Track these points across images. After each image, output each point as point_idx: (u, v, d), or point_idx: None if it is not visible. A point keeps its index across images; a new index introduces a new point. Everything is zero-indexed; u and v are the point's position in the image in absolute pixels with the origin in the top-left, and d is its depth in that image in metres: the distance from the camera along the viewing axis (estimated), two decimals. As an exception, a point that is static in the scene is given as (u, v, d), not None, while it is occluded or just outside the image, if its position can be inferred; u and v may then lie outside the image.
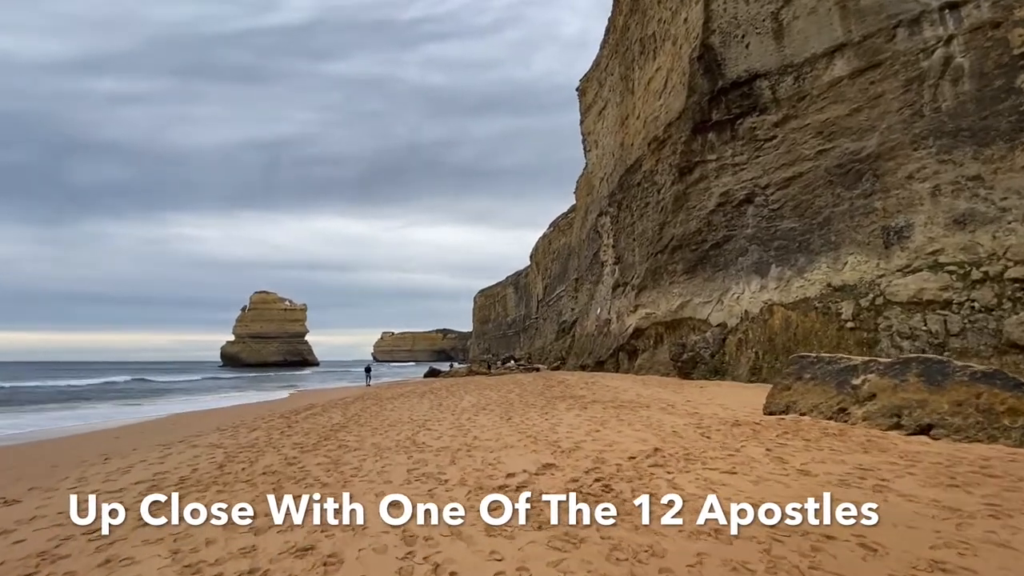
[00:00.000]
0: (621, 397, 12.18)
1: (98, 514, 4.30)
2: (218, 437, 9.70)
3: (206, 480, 5.96)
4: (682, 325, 17.54)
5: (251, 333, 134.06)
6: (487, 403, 13.13)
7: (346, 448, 7.58)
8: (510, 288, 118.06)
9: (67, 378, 52.39)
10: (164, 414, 17.07)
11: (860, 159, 12.22)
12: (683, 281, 17.31)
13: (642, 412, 9.42)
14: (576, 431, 7.67)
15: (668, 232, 17.72)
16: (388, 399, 16.96)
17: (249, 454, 7.59)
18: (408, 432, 8.81)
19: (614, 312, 23.25)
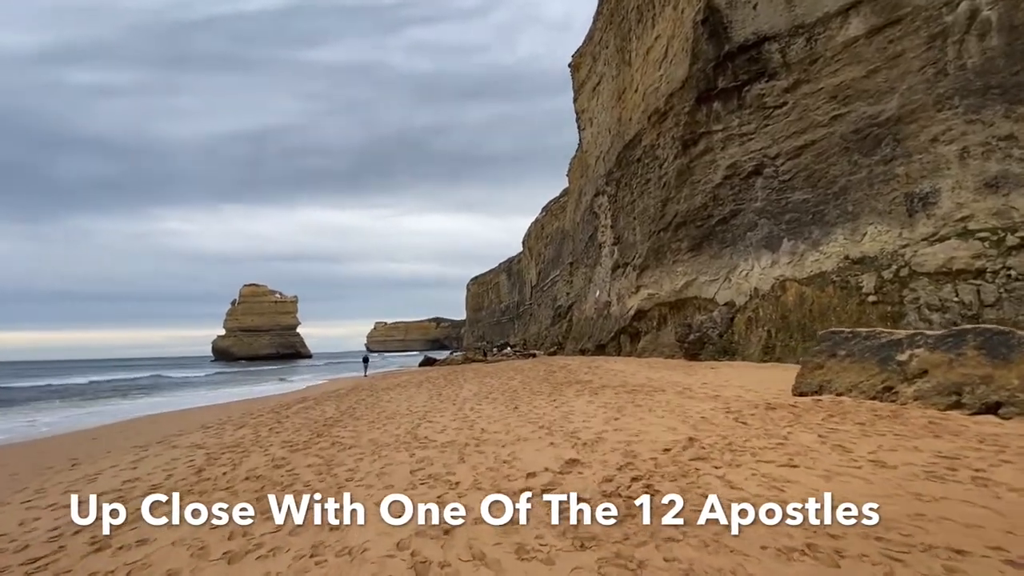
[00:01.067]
0: (631, 381, 11.56)
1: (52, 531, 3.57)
2: (201, 436, 8.96)
3: (181, 488, 5.23)
4: (687, 305, 16.93)
5: (242, 327, 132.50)
6: (489, 391, 12.47)
7: (340, 446, 6.88)
8: (503, 275, 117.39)
9: (60, 376, 51.19)
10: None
11: (879, 123, 11.53)
12: (688, 259, 16.64)
13: (659, 397, 8.79)
14: (593, 420, 7.01)
15: (671, 209, 16.99)
16: (384, 389, 16.26)
17: (233, 455, 6.86)
18: (408, 426, 8.11)
19: (614, 294, 22.60)
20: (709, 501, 3.14)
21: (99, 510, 4.39)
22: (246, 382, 33.29)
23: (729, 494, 3.41)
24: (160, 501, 4.65)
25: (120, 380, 39.88)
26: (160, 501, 4.65)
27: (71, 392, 28.09)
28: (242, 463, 6.28)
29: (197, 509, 4.47)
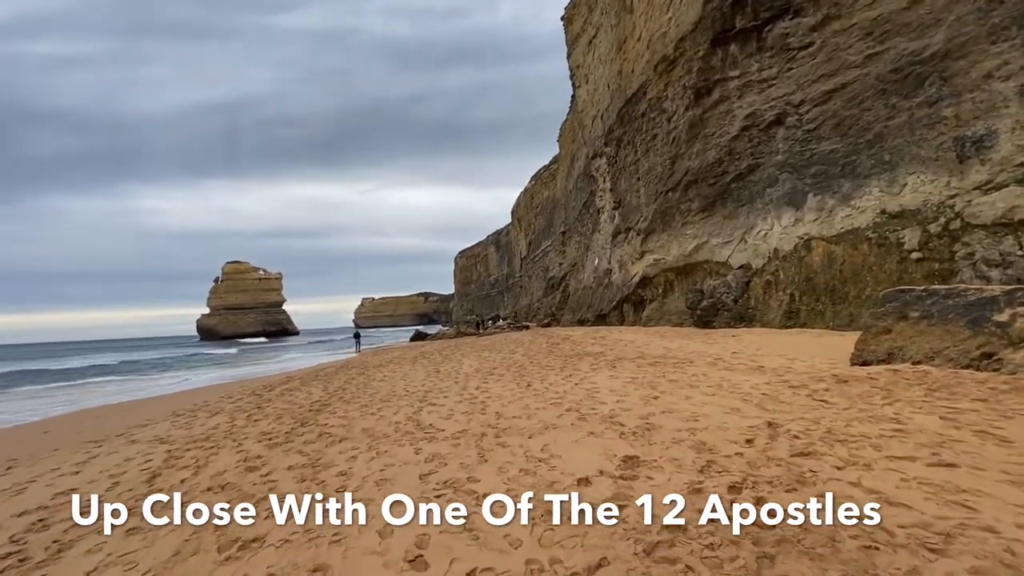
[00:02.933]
0: (648, 352, 10.57)
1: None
2: (168, 426, 7.78)
3: (126, 499, 4.07)
4: (697, 270, 15.90)
5: (226, 305, 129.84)
6: (492, 367, 11.41)
7: (329, 438, 5.76)
8: (491, 248, 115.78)
9: (52, 359, 49.24)
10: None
11: (922, 61, 10.33)
12: (699, 221, 15.53)
13: (690, 369, 7.78)
14: (627, 399, 5.97)
15: (681, 166, 15.76)
16: (375, 367, 15.13)
17: (199, 453, 5.71)
18: (408, 410, 7.01)
19: (615, 261, 21.51)
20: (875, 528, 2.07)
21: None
22: (236, 363, 32.02)
23: (895, 517, 2.35)
24: (84, 528, 3.51)
25: (102, 364, 38.24)
26: (84, 528, 3.51)
27: (42, 377, 26.52)
28: (208, 464, 5.13)
29: (136, 528, 3.35)
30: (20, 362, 47.81)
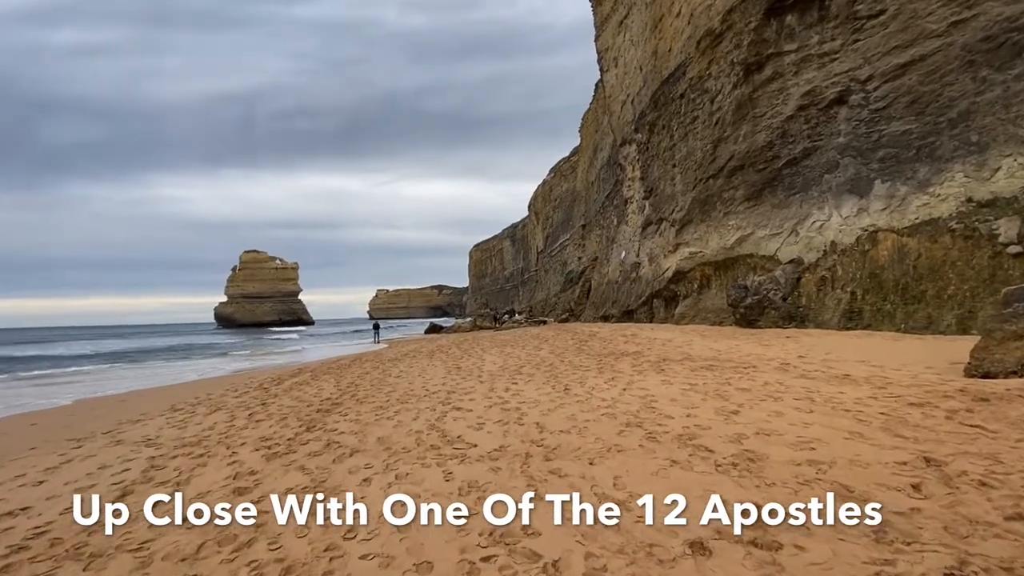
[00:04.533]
0: (694, 353, 9.46)
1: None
2: (161, 424, 6.94)
3: (70, 540, 3.14)
4: (739, 264, 14.67)
5: (244, 293, 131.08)
6: (519, 364, 10.41)
7: (338, 448, 4.81)
8: (507, 241, 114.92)
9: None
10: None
11: (1019, 27, 8.99)
12: (743, 211, 14.27)
13: (757, 376, 6.68)
14: (697, 412, 4.91)
15: (725, 150, 14.50)
16: (391, 360, 14.26)
17: (185, 462, 4.81)
18: (429, 415, 6.04)
19: (645, 254, 20.30)
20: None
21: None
22: (250, 351, 31.59)
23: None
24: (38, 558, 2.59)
25: (117, 352, 38.26)
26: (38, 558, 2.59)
27: (62, 362, 26.30)
28: (191, 480, 4.22)
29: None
30: (43, 346, 48.28)
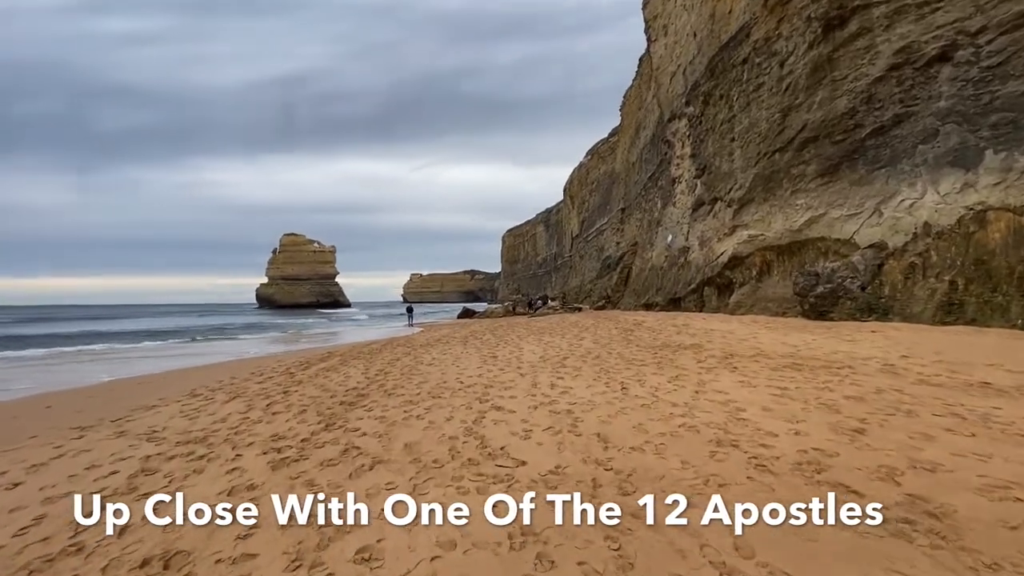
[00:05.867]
0: (765, 348, 8.25)
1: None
2: (174, 412, 6.33)
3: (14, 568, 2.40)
4: (808, 248, 13.13)
5: (284, 275, 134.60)
6: (560, 355, 9.44)
7: (357, 455, 3.98)
8: (540, 226, 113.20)
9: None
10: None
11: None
12: (815, 188, 12.70)
13: (862, 380, 5.49)
14: (806, 429, 3.83)
15: (795, 120, 12.89)
16: (423, 346, 13.54)
17: (181, 465, 4.08)
18: (465, 414, 5.16)
19: (695, 238, 18.81)
20: None
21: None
22: (288, 332, 31.79)
23: None
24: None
25: (161, 330, 39.39)
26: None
27: (104, 338, 27.00)
28: (184, 487, 3.45)
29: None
30: (95, 322, 50.48)
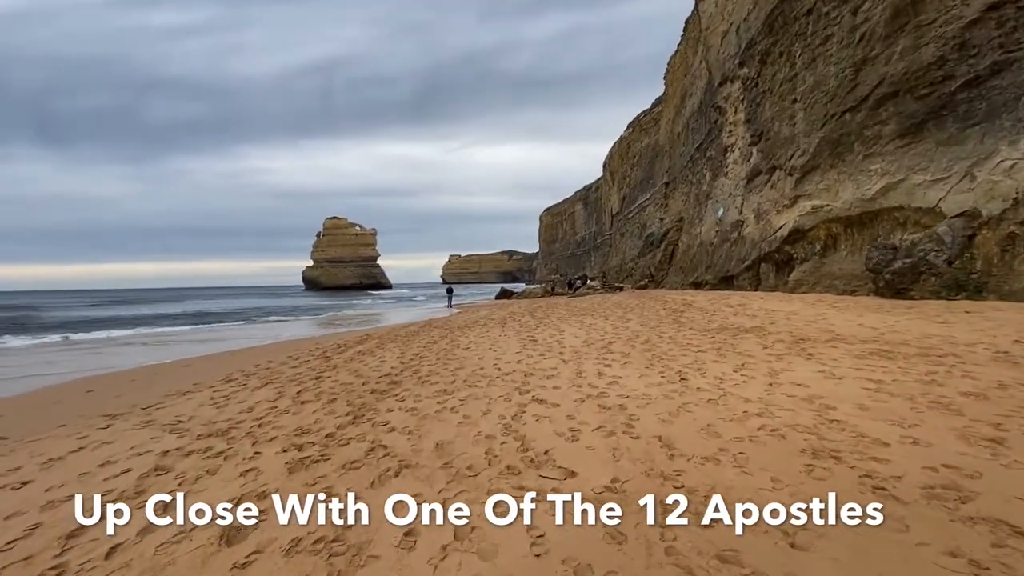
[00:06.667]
0: (841, 331, 7.30)
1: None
2: (203, 400, 6.12)
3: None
4: (881, 220, 11.76)
5: (328, 258, 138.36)
6: (606, 339, 8.76)
7: (383, 458, 3.51)
8: (579, 204, 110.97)
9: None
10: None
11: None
12: (893, 151, 11.27)
13: (977, 371, 4.58)
14: (920, 432, 3.06)
15: (871, 74, 11.41)
16: (460, 328, 13.15)
17: (197, 463, 3.74)
18: (503, 408, 4.62)
19: (750, 210, 17.45)
20: None
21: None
22: (331, 314, 32.38)
23: None
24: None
25: (216, 312, 41.05)
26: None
27: (160, 321, 28.17)
28: (187, 497, 3.08)
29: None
30: (154, 304, 53.27)
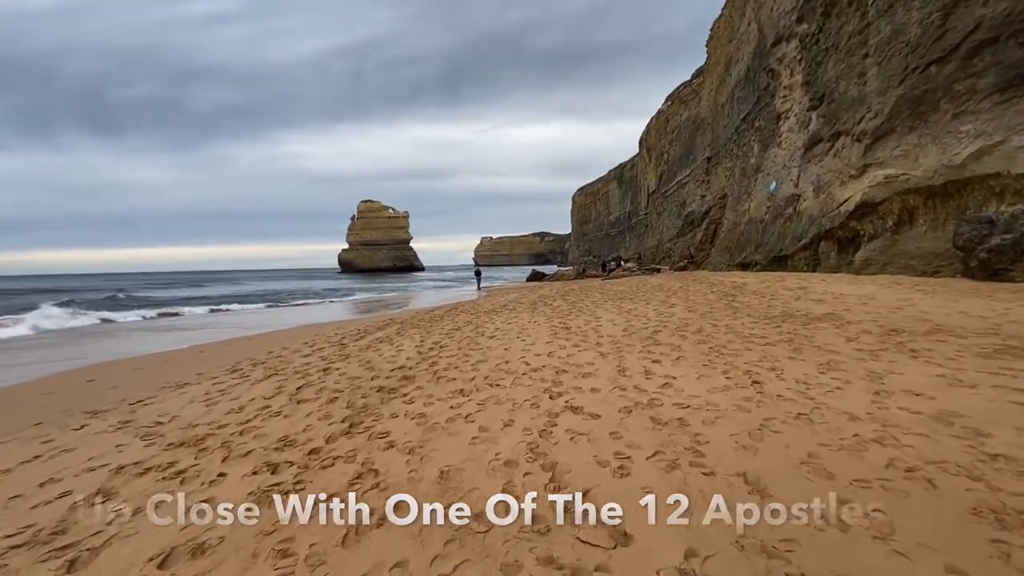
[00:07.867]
0: (941, 321, 6.05)
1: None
2: (194, 396, 5.48)
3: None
4: (970, 190, 10.11)
5: (362, 241, 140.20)
6: (650, 327, 7.72)
7: (370, 486, 2.68)
8: (613, 183, 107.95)
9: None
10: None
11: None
12: (989, 108, 9.58)
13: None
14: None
15: (963, 18, 9.65)
16: (487, 313, 12.30)
17: (146, 486, 3.00)
18: (530, 416, 3.72)
19: (808, 183, 15.74)
20: None
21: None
22: (361, 298, 32.28)
23: None
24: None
25: (249, 294, 41.77)
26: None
27: (190, 303, 28.57)
28: (119, 538, 2.32)
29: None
30: (192, 288, 54.80)
